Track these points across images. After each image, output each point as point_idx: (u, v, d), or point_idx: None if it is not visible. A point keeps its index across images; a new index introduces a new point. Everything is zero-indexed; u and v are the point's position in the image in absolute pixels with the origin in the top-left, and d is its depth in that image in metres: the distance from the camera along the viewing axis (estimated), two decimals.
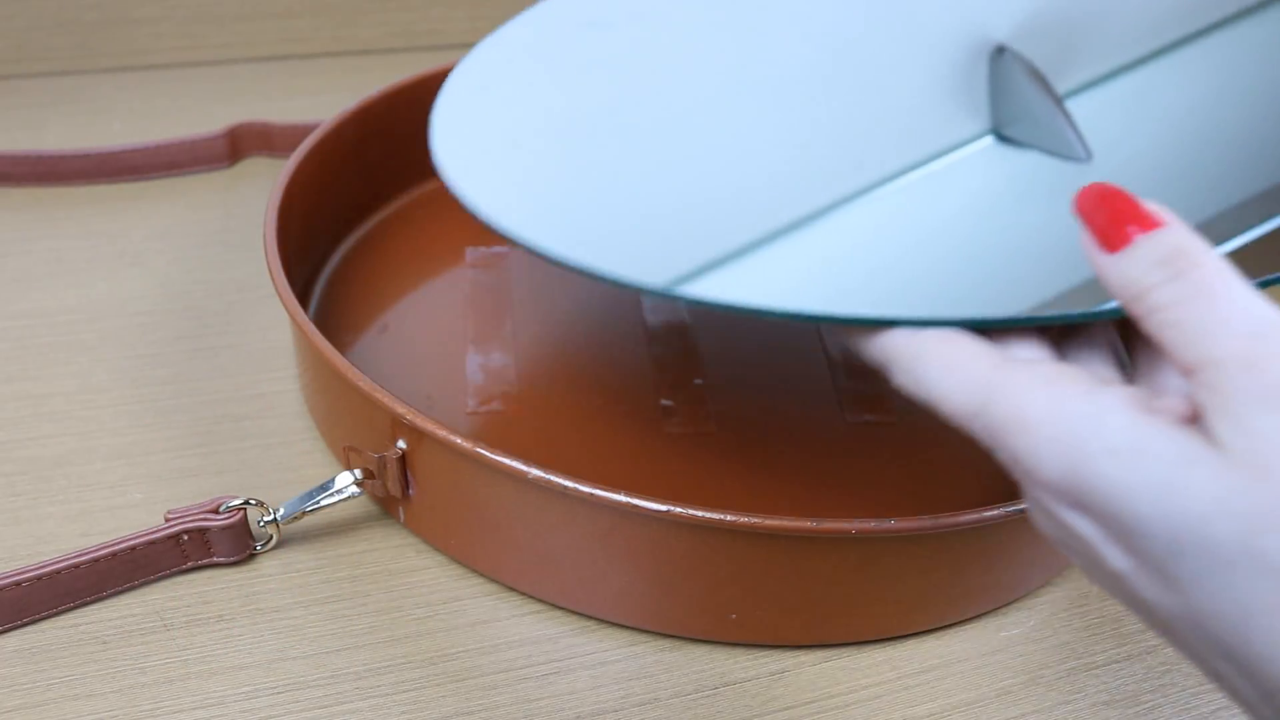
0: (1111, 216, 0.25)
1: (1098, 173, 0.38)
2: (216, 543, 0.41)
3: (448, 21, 0.80)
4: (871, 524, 0.37)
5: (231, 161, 0.67)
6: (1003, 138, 0.40)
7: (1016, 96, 0.40)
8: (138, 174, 0.64)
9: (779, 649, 0.41)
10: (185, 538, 0.41)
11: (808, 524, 0.37)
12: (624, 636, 0.41)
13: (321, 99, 0.71)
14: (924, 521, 0.37)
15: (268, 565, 0.43)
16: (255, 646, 0.40)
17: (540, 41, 0.45)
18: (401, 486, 0.42)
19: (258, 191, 0.64)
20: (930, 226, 0.37)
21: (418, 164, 0.61)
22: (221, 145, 0.66)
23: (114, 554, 0.40)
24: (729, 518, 0.36)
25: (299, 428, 0.49)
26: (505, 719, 0.38)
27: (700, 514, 0.36)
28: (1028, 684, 0.41)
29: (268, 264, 0.46)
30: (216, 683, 0.38)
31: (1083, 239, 0.26)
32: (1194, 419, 0.24)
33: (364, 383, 0.40)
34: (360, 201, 0.60)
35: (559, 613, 0.42)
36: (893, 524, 0.37)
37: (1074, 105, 0.40)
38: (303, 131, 0.63)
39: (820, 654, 0.41)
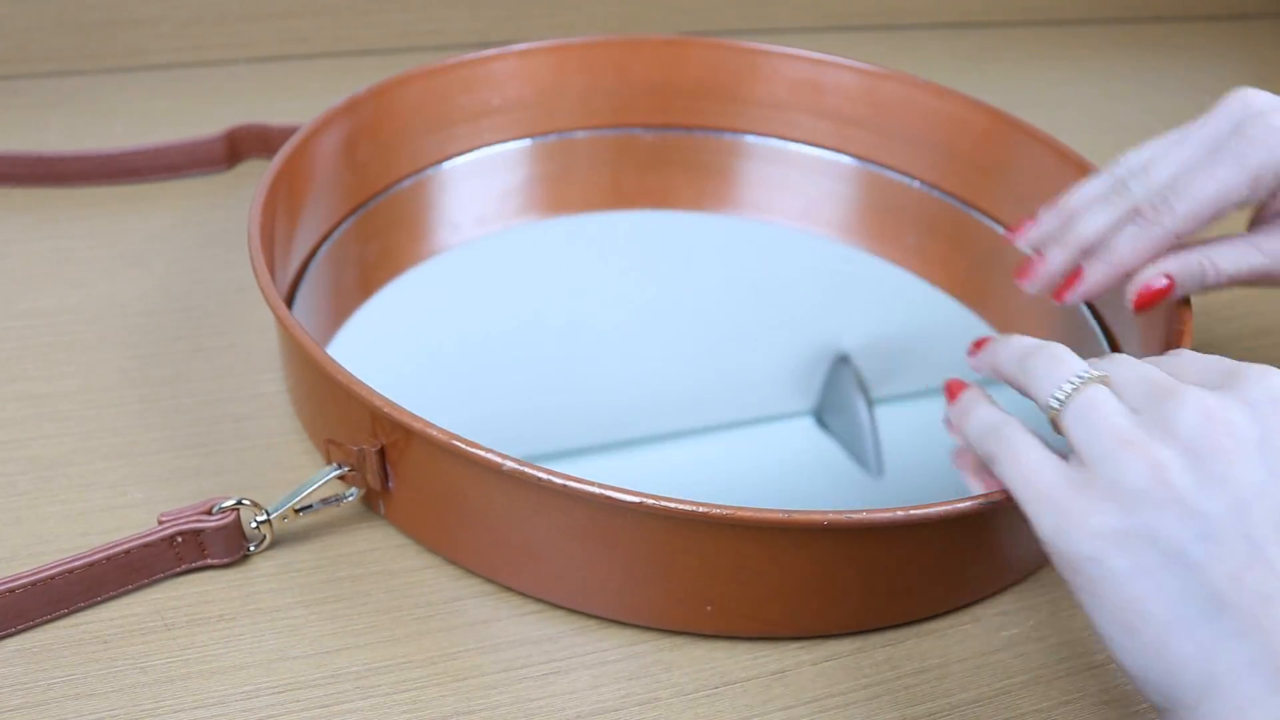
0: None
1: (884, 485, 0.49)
2: (210, 544, 0.41)
3: (448, 21, 0.80)
4: (843, 515, 0.37)
5: (230, 164, 0.67)
6: (820, 422, 0.52)
7: (842, 398, 0.53)
8: (138, 176, 0.64)
9: (778, 649, 0.41)
10: (179, 539, 0.41)
11: (779, 514, 0.37)
12: (624, 636, 0.41)
13: (322, 100, 0.71)
14: (895, 513, 0.37)
15: (268, 565, 0.43)
16: (256, 646, 0.40)
17: None
18: (381, 479, 0.42)
19: None
20: (740, 468, 0.50)
21: (406, 159, 0.62)
22: (220, 148, 0.66)
23: (108, 558, 0.40)
24: (701, 509, 0.36)
25: (298, 427, 0.49)
26: (505, 719, 0.38)
27: (673, 505, 0.36)
28: (1028, 684, 0.41)
29: (250, 256, 0.46)
30: (217, 682, 0.38)
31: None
32: None
33: (342, 374, 0.40)
34: (350, 197, 0.60)
35: (559, 612, 0.42)
36: (864, 515, 0.37)
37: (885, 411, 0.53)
38: None
39: (820, 653, 0.41)
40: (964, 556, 0.42)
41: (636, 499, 0.37)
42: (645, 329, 0.56)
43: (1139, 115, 0.84)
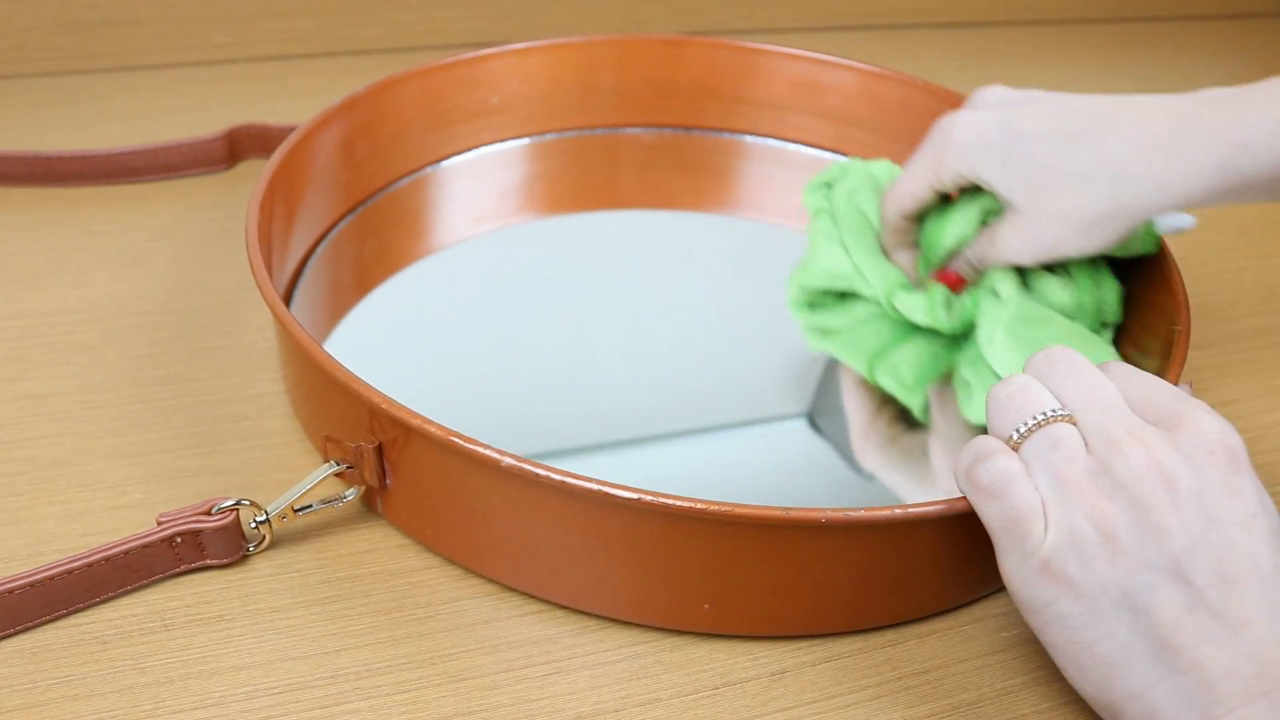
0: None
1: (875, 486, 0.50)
2: (210, 544, 0.41)
3: (448, 22, 0.80)
4: (842, 513, 0.37)
5: (229, 164, 0.67)
6: (813, 424, 0.52)
7: (835, 400, 0.53)
8: (137, 176, 0.64)
9: (778, 649, 0.41)
10: (178, 540, 0.41)
11: (777, 512, 0.37)
12: (624, 636, 0.41)
13: (321, 100, 0.71)
14: (894, 511, 0.38)
15: (267, 565, 0.43)
16: (255, 647, 0.40)
17: None
18: (379, 476, 0.42)
19: None
20: (734, 469, 0.50)
21: (404, 158, 0.62)
22: (219, 148, 0.66)
23: (107, 558, 0.40)
24: (699, 505, 0.36)
25: (298, 427, 0.49)
26: (505, 719, 0.38)
27: (670, 501, 0.37)
28: (1028, 684, 0.41)
29: (248, 254, 0.46)
30: (216, 683, 0.38)
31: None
32: None
33: (340, 371, 0.40)
34: (348, 196, 0.60)
35: (559, 612, 0.42)
36: (863, 513, 0.37)
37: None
38: None
39: (820, 653, 0.41)
40: (964, 556, 0.41)
41: (634, 495, 0.37)
42: (643, 329, 0.56)
43: None
